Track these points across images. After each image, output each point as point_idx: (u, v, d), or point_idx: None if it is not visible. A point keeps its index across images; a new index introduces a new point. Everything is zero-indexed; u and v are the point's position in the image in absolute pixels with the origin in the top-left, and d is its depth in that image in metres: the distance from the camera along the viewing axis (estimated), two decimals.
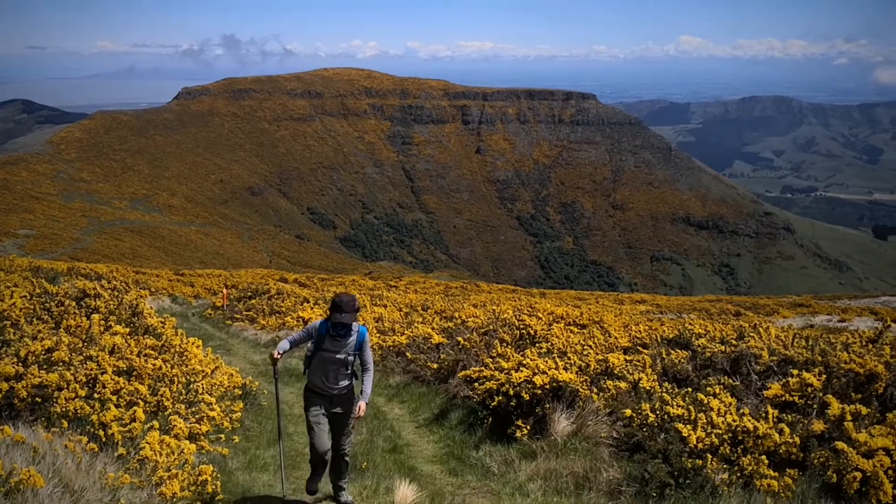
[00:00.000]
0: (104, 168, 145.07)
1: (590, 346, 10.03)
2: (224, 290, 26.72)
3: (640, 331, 12.06)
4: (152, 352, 7.78)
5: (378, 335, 15.24)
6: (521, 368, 8.27)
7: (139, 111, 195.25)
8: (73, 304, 8.48)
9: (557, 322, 13.16)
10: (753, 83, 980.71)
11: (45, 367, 5.69)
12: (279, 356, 6.62)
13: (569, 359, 8.94)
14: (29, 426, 5.20)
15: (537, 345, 10.50)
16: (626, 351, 10.15)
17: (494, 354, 10.03)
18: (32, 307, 7.95)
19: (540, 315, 13.21)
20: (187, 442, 5.84)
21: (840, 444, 5.24)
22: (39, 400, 5.33)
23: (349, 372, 6.58)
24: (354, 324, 6.50)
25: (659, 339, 10.39)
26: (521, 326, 11.43)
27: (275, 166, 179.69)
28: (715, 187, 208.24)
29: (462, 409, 9.47)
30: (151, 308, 9.76)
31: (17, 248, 74.63)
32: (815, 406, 6.34)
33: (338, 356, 6.39)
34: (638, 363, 8.77)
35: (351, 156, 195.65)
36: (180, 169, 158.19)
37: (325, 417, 6.53)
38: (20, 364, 5.51)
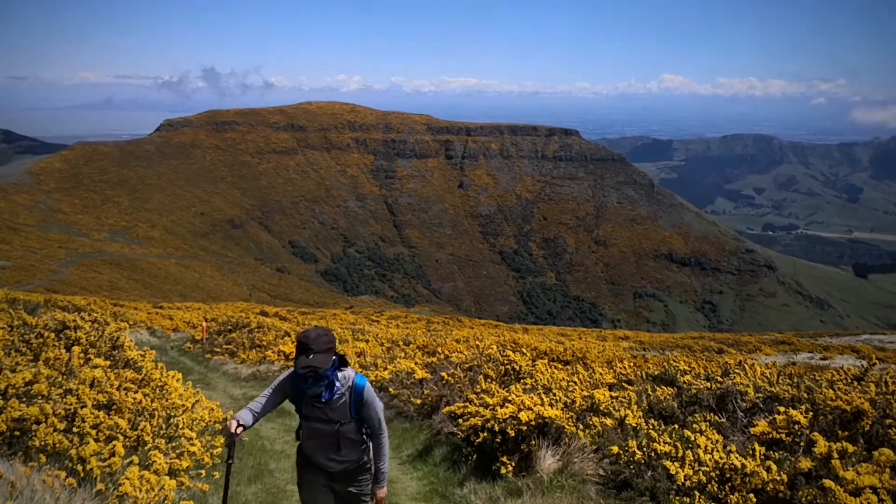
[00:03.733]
0: (83, 199, 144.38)
1: (575, 383, 9.97)
2: (203, 324, 26.49)
3: (624, 367, 12.04)
4: (132, 385, 7.66)
5: (360, 370, 15.11)
6: (506, 404, 8.20)
7: (120, 142, 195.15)
8: (53, 336, 8.36)
9: (541, 358, 13.11)
10: (734, 121, 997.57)
11: (24, 399, 5.58)
12: (239, 431, 4.71)
13: (554, 395, 8.88)
14: (7, 460, 5.09)
15: (522, 381, 10.42)
16: (611, 387, 10.10)
17: (479, 390, 9.95)
18: (11, 339, 7.82)
19: (524, 351, 13.15)
20: (167, 478, 5.72)
21: (828, 482, 5.20)
22: (18, 433, 5.22)
23: (355, 440, 4.78)
24: (343, 373, 4.70)
25: (644, 376, 10.36)
26: (506, 362, 11.36)
27: (256, 199, 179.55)
28: (697, 224, 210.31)
29: (446, 445, 9.37)
30: (131, 341, 9.63)
31: None
32: (801, 443, 6.31)
33: (323, 427, 4.65)
34: (623, 400, 8.73)
35: (333, 189, 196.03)
36: (161, 201, 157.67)
37: (329, 495, 4.85)
38: (2, 398, 5.41)
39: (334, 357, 4.57)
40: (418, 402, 11.24)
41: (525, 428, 7.76)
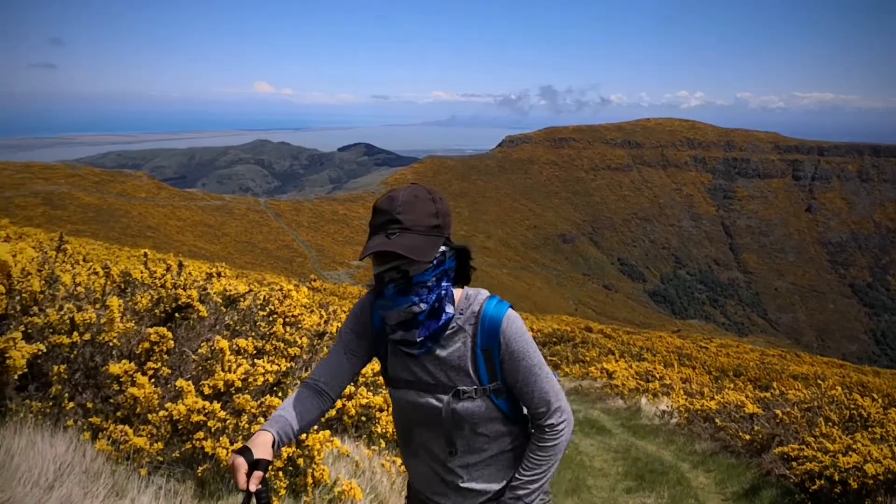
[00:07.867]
0: None
1: None
2: None
3: None
4: None
5: (685, 397, 14.58)
6: (849, 453, 7.44)
7: (464, 157, 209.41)
8: None
9: (895, 406, 11.72)
10: None
11: (371, 388, 6.18)
12: (255, 486, 1.92)
13: None
14: (353, 441, 5.66)
15: (870, 429, 9.39)
16: None
17: (817, 433, 9.13)
18: None
19: (874, 396, 11.83)
20: None
21: None
22: (364, 419, 5.78)
23: (493, 436, 2.25)
24: (464, 291, 2.41)
25: None
26: (852, 407, 10.30)
27: (588, 215, 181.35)
28: None
29: (776, 487, 8.70)
30: None
31: (349, 276, 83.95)
32: None
33: (423, 400, 2.22)
34: None
35: (667, 208, 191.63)
36: (497, 213, 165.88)
37: None
38: (352, 384, 6.04)
39: (445, 249, 2.33)
40: (747, 437, 10.59)
41: (871, 482, 6.96)
